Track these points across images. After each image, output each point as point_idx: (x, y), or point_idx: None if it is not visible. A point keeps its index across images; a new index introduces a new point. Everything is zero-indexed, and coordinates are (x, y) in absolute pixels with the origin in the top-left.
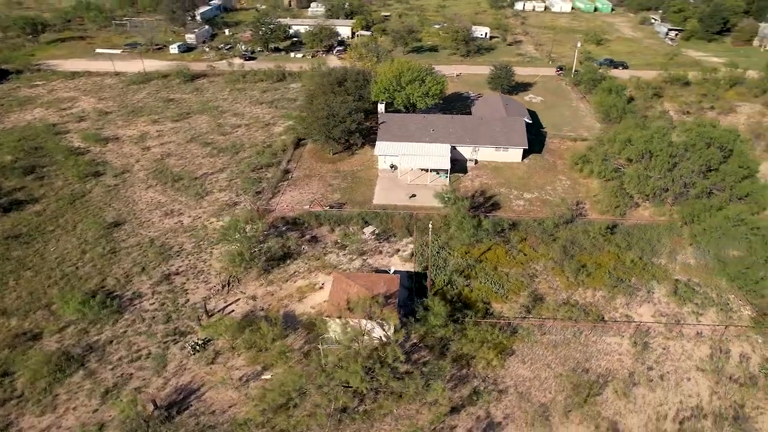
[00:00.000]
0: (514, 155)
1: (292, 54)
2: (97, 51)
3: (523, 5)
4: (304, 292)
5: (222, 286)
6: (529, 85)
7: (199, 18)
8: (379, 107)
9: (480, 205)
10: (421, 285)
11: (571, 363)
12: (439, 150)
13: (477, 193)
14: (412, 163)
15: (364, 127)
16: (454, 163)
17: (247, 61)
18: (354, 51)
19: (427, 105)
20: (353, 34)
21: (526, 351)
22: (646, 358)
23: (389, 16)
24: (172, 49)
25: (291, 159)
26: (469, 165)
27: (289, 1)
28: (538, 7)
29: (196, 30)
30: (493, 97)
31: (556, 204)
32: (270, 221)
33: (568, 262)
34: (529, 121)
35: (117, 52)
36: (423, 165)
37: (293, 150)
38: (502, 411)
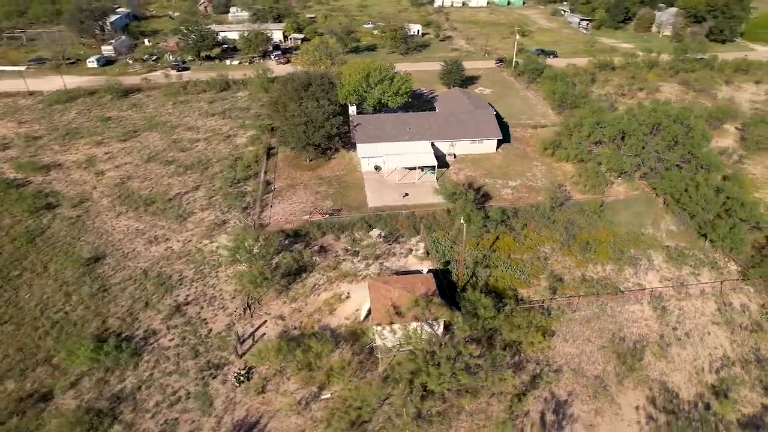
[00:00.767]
0: (489, 146)
1: (227, 62)
2: None
3: (442, 1)
4: (332, 304)
5: (243, 310)
6: (475, 78)
7: (110, 27)
8: (350, 109)
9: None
10: (449, 281)
11: (608, 334)
12: (421, 147)
13: (465, 185)
14: (397, 162)
15: (343, 131)
16: (436, 159)
17: (179, 71)
18: (307, 55)
19: (398, 104)
20: (285, 37)
21: (564, 329)
22: (668, 320)
23: (315, 18)
24: (90, 63)
25: (267, 170)
26: (449, 159)
27: (205, 7)
28: (456, 2)
29: (112, 41)
30: (453, 92)
31: (547, 188)
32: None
33: (572, 241)
34: (494, 113)
35: (21, 68)
36: (409, 163)
37: (266, 160)
38: (564, 389)
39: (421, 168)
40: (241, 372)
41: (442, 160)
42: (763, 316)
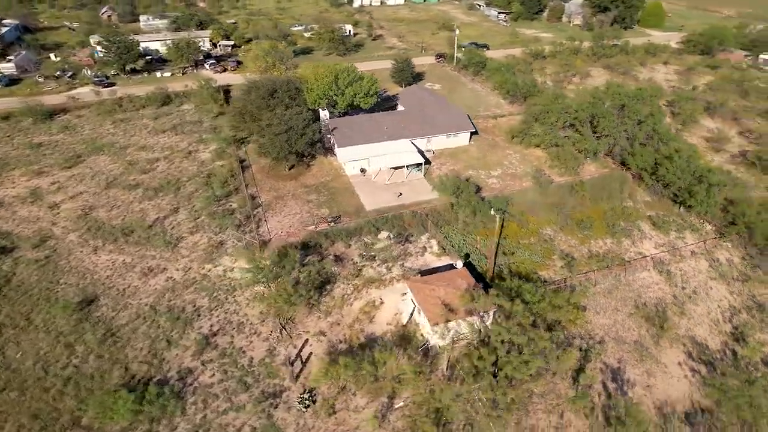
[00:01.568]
0: (463, 139)
1: (158, 74)
2: None
3: (361, 1)
4: (368, 312)
5: (280, 332)
6: (421, 74)
7: None
8: (322, 114)
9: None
10: (475, 273)
11: (630, 302)
12: (402, 146)
13: (461, 179)
14: (382, 163)
15: (318, 137)
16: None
17: (105, 87)
18: (258, 61)
19: (370, 104)
20: (214, 45)
21: (593, 303)
22: (675, 281)
23: (236, 23)
24: None
25: (247, 183)
26: (429, 155)
27: (108, 16)
28: (375, 1)
29: (11, 57)
30: (413, 89)
31: (528, 174)
32: (279, 252)
33: (569, 221)
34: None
35: None
36: (396, 163)
37: (242, 173)
38: (613, 357)
39: (407, 166)
40: (304, 396)
41: (423, 157)
42: (747, 267)
